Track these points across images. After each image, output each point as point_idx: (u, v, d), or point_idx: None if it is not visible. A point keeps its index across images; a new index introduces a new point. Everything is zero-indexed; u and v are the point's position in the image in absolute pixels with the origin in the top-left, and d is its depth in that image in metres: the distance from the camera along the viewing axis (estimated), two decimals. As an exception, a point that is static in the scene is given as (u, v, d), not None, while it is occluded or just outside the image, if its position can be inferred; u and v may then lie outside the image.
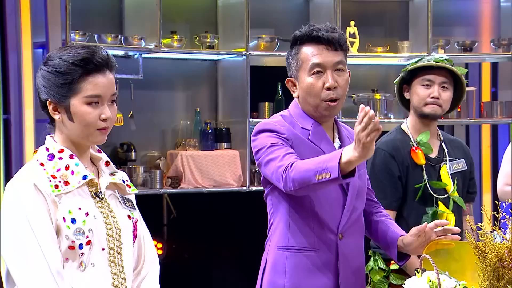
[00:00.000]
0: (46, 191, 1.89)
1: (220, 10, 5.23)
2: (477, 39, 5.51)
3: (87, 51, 1.93)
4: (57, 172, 1.93)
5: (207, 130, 4.99)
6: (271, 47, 5.10)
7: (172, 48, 4.88)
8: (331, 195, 2.38)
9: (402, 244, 2.40)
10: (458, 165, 3.05)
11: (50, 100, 1.96)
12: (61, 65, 1.92)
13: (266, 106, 5.07)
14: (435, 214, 2.96)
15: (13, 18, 4.58)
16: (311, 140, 2.39)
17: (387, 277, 2.98)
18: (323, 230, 2.38)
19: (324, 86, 2.37)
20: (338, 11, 5.09)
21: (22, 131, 4.54)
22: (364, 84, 5.37)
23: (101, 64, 1.93)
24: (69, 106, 1.93)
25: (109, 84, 1.95)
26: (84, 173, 1.95)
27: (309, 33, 2.39)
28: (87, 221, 1.90)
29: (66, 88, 1.92)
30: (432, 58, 3.02)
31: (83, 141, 1.98)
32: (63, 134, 1.98)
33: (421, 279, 2.06)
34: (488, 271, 2.14)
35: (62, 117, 1.96)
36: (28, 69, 4.54)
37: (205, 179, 4.86)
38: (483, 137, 5.75)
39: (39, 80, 1.98)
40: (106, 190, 2.00)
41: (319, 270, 2.38)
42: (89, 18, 4.85)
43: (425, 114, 2.99)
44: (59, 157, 1.95)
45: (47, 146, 1.99)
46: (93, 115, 1.93)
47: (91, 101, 1.93)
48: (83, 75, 1.91)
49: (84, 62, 1.91)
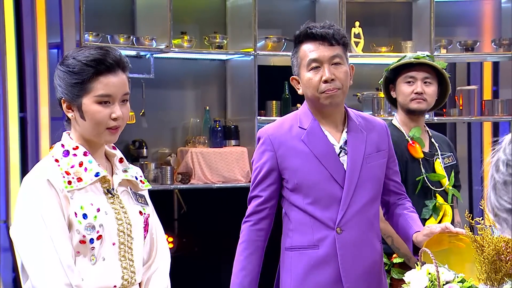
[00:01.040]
0: (59, 187, 1.90)
1: (228, 11, 5.25)
2: (478, 39, 5.51)
3: (100, 52, 1.95)
4: (71, 169, 1.94)
5: (216, 127, 5.01)
6: (278, 47, 5.12)
7: (182, 48, 4.90)
8: (326, 192, 2.40)
9: (415, 240, 2.41)
10: (448, 159, 3.08)
11: (64, 99, 1.99)
12: (75, 65, 1.94)
13: (273, 104, 5.08)
14: (436, 207, 2.98)
15: (29, 19, 4.61)
16: (304, 140, 2.43)
17: (389, 271, 2.98)
18: (321, 227, 2.41)
19: (321, 79, 2.40)
20: (343, 12, 5.09)
21: (38, 128, 4.57)
22: (368, 83, 5.37)
23: (113, 64, 1.94)
24: (81, 105, 1.95)
25: (120, 84, 1.96)
26: (97, 170, 1.96)
27: (305, 31, 2.43)
28: (98, 216, 1.92)
29: (78, 87, 1.94)
30: (413, 55, 3.04)
31: (94, 139, 1.99)
32: (77, 131, 2.01)
33: (421, 272, 2.08)
34: (486, 264, 2.15)
35: (75, 115, 1.98)
36: (43, 69, 4.57)
37: (214, 175, 4.89)
38: (484, 134, 5.75)
39: (55, 79, 2.00)
40: (119, 186, 2.02)
41: (321, 265, 2.40)
42: (102, 19, 4.88)
43: (412, 109, 3.01)
44: (74, 154, 1.97)
45: (62, 142, 2.01)
46: (103, 114, 1.95)
47: (101, 100, 1.94)
48: (95, 75, 1.93)
49: (96, 62, 1.93)
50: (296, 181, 2.42)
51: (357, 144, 2.45)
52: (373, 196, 2.46)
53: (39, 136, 4.57)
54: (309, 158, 2.41)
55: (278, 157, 2.44)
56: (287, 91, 5.09)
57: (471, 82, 5.76)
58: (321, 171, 2.41)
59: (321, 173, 2.41)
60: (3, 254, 4.60)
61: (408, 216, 2.50)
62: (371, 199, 2.46)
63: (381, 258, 2.51)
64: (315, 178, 2.41)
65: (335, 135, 2.46)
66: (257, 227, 2.47)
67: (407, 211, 2.53)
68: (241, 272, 2.44)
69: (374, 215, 2.48)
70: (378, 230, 2.50)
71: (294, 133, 2.45)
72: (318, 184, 2.41)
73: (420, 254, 2.21)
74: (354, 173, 2.41)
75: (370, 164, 2.45)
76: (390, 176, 2.55)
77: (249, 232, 2.47)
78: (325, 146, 2.42)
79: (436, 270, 2.03)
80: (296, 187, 2.42)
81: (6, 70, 4.51)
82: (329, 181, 2.40)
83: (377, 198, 2.49)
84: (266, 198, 2.46)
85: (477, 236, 2.19)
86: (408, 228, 2.46)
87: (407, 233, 2.46)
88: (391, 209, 2.57)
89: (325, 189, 2.40)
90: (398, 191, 2.57)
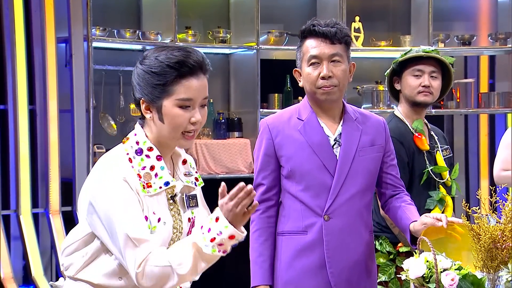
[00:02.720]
0: (136, 187, 1.82)
1: (232, 6, 5.24)
2: (475, 33, 5.49)
3: (183, 54, 1.83)
4: (142, 170, 1.84)
5: (219, 120, 5.01)
6: (280, 41, 5.10)
7: (186, 43, 4.89)
8: (317, 180, 2.43)
9: (413, 229, 2.41)
10: (446, 152, 3.07)
11: (143, 99, 1.86)
12: (157, 65, 1.82)
13: (275, 97, 5.08)
14: (441, 198, 2.97)
15: (37, 14, 4.60)
16: (300, 130, 2.46)
17: (394, 260, 2.97)
18: (310, 213, 2.44)
19: (319, 75, 2.43)
20: (344, 7, 5.08)
21: (47, 120, 4.57)
22: (368, 76, 5.36)
23: (195, 67, 1.83)
24: (161, 107, 1.84)
25: (201, 87, 1.85)
26: (167, 179, 1.87)
27: (309, 28, 2.46)
28: (158, 227, 1.84)
29: (160, 89, 1.83)
30: (420, 49, 3.02)
31: (169, 143, 1.89)
32: (152, 133, 1.89)
33: (419, 260, 2.07)
34: (482, 252, 2.14)
35: (153, 117, 1.86)
36: (52, 63, 4.57)
37: (218, 166, 4.89)
38: (481, 126, 5.74)
39: (135, 78, 1.88)
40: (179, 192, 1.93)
41: (308, 250, 2.44)
42: (109, 14, 4.87)
43: (418, 102, 2.99)
44: (147, 155, 1.86)
45: (138, 139, 1.89)
46: (183, 118, 1.84)
47: (183, 104, 1.83)
48: (177, 78, 1.82)
49: (179, 65, 1.82)
50: (289, 168, 2.45)
51: (351, 136, 2.47)
52: (363, 188, 2.47)
53: (48, 128, 4.56)
54: (303, 147, 2.44)
55: (275, 145, 2.48)
56: (288, 84, 5.08)
57: (468, 75, 5.74)
58: (314, 160, 2.43)
59: (314, 162, 2.43)
60: (13, 243, 4.61)
61: (406, 208, 2.50)
62: (361, 190, 2.47)
63: (369, 247, 2.51)
64: (307, 167, 2.43)
65: (331, 127, 2.49)
66: (266, 214, 2.50)
67: (405, 203, 2.53)
68: (259, 258, 2.48)
69: (365, 206, 2.49)
70: (368, 220, 2.52)
71: (292, 124, 2.48)
72: (310, 172, 2.43)
73: (418, 242, 2.21)
74: (346, 164, 2.42)
75: (363, 157, 2.46)
76: (386, 169, 2.56)
77: (260, 220, 2.50)
78: (320, 137, 2.45)
79: (434, 258, 2.02)
80: (289, 174, 2.45)
81: (16, 64, 4.50)
82: (321, 170, 2.43)
83: (368, 190, 2.50)
84: (269, 186, 2.49)
85: (474, 225, 2.19)
86: (405, 219, 2.47)
87: (405, 224, 2.46)
88: (388, 201, 2.58)
89: (316, 177, 2.43)
90: (395, 184, 2.58)
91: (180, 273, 1.78)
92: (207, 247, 1.76)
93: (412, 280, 2.08)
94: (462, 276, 2.05)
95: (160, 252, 1.79)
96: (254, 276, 2.48)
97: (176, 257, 1.78)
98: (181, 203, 1.93)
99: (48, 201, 4.56)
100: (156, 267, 1.77)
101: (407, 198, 2.57)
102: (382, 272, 2.90)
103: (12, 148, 4.54)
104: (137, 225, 1.79)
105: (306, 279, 2.44)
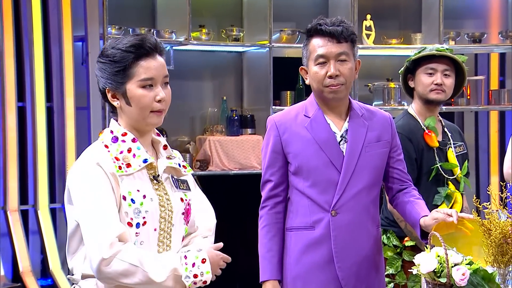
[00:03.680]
0: (110, 170, 1.87)
1: (245, 5, 5.24)
2: (486, 31, 5.46)
3: (137, 38, 1.91)
4: (120, 154, 1.91)
5: (233, 117, 5.01)
6: (292, 39, 5.10)
7: (200, 41, 4.90)
8: (324, 176, 2.43)
9: (423, 224, 2.40)
10: (460, 148, 3.06)
11: (108, 88, 1.93)
12: (115, 53, 1.90)
13: (287, 95, 5.08)
14: (448, 194, 2.96)
15: (55, 13, 4.63)
16: (307, 127, 2.46)
17: (400, 253, 2.98)
18: (317, 209, 2.44)
19: (326, 74, 2.42)
20: (355, 6, 5.07)
21: (64, 117, 4.59)
22: (379, 73, 5.35)
23: (151, 48, 1.90)
24: (126, 91, 1.91)
25: (160, 66, 1.92)
26: (145, 157, 1.93)
27: (315, 27, 2.45)
28: (144, 203, 1.89)
29: (121, 74, 1.90)
30: (434, 48, 3.02)
31: (141, 125, 1.94)
32: (124, 120, 1.95)
33: (430, 254, 2.07)
34: (493, 247, 2.14)
35: (121, 103, 1.93)
36: (69, 61, 4.59)
37: (231, 162, 4.89)
38: (491, 123, 5.71)
39: (97, 72, 1.95)
40: (163, 173, 1.98)
41: (316, 245, 2.44)
42: (124, 13, 4.89)
43: (430, 100, 2.98)
44: (122, 140, 1.93)
45: (111, 129, 1.96)
46: (148, 98, 1.90)
47: (145, 84, 1.90)
48: (135, 60, 1.89)
49: (135, 48, 1.89)
50: (297, 165, 2.45)
51: (357, 133, 2.46)
52: (370, 183, 2.47)
53: (65, 125, 4.59)
54: (310, 143, 2.44)
55: (282, 141, 2.48)
56: (300, 82, 5.07)
57: (478, 72, 5.71)
58: (321, 156, 2.43)
59: (321, 158, 2.43)
60: (31, 237, 4.64)
61: (415, 203, 2.50)
62: (368, 185, 2.46)
63: (376, 241, 2.51)
64: (314, 163, 2.43)
65: (337, 124, 2.48)
66: (275, 210, 2.50)
67: (414, 198, 2.52)
68: (268, 253, 2.49)
69: (372, 201, 2.49)
70: (375, 215, 2.51)
71: (299, 121, 2.49)
72: (317, 169, 2.43)
73: (429, 237, 2.20)
74: (352, 160, 2.42)
75: (369, 153, 2.46)
76: (393, 164, 2.55)
77: (268, 216, 2.51)
78: (327, 134, 2.45)
79: (445, 252, 2.02)
80: (297, 171, 2.46)
81: (34, 63, 4.53)
82: (327, 166, 2.43)
83: (374, 185, 2.49)
84: (277, 183, 2.50)
85: (485, 220, 2.18)
86: (415, 214, 2.46)
87: (415, 219, 2.45)
88: (396, 196, 2.57)
89: (323, 173, 2.43)
90: (402, 178, 2.57)
91: (151, 278, 1.83)
92: (188, 280, 1.87)
93: (424, 275, 2.07)
94: (473, 271, 2.04)
95: (133, 250, 1.83)
96: (263, 271, 2.48)
97: (150, 265, 1.83)
98: (169, 185, 1.98)
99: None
100: (123, 262, 1.81)
101: (415, 192, 2.57)
102: (389, 265, 2.94)
103: (30, 144, 4.57)
104: (105, 209, 1.83)
105: (315, 274, 2.44)
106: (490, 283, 2.04)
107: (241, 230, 5.15)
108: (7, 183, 4.44)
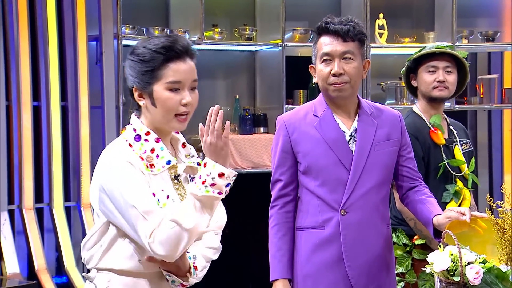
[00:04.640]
0: (140, 167, 1.86)
1: (258, 4, 5.23)
2: (499, 29, 5.42)
3: (169, 40, 1.89)
4: (143, 154, 1.89)
5: (245, 115, 5.01)
6: (305, 38, 5.09)
7: (213, 40, 4.90)
8: (334, 175, 2.42)
9: (436, 223, 2.39)
10: (466, 145, 3.05)
11: (135, 87, 1.92)
12: (145, 53, 1.88)
13: (300, 93, 5.07)
14: (456, 191, 2.95)
15: (69, 13, 4.64)
16: (316, 127, 2.46)
17: (410, 252, 2.97)
18: (327, 208, 2.43)
19: (331, 72, 2.43)
20: (368, 4, 5.05)
21: (78, 116, 4.61)
22: (392, 72, 5.32)
23: (182, 51, 1.89)
24: (152, 92, 1.89)
25: (189, 70, 1.91)
26: (168, 158, 1.92)
27: (323, 25, 2.46)
28: (167, 204, 1.88)
29: (149, 75, 1.88)
30: (433, 46, 3.01)
31: (164, 127, 1.93)
32: (147, 119, 1.93)
33: (444, 253, 2.05)
34: (506, 245, 2.12)
35: (146, 103, 1.91)
36: (83, 60, 4.61)
37: (244, 161, 4.89)
38: (504, 121, 5.67)
39: (126, 70, 1.93)
40: (182, 172, 1.97)
41: (326, 244, 2.43)
42: (138, 12, 4.89)
43: (434, 97, 2.98)
44: (145, 139, 1.91)
45: (134, 127, 1.94)
46: (174, 101, 1.89)
47: (172, 87, 1.88)
48: (165, 62, 1.87)
49: (165, 49, 1.87)
50: (306, 164, 2.44)
51: (366, 131, 2.45)
52: (380, 182, 2.46)
53: (79, 124, 4.61)
54: (320, 143, 2.44)
55: (292, 141, 2.48)
56: (313, 81, 5.04)
57: (491, 71, 5.67)
58: (330, 155, 2.42)
59: (330, 157, 2.42)
60: (47, 235, 4.66)
61: (427, 201, 2.48)
62: (377, 184, 2.45)
63: (386, 240, 2.49)
64: (324, 162, 2.43)
65: (346, 123, 2.47)
66: (284, 209, 2.50)
67: (425, 196, 2.51)
68: (278, 252, 2.48)
69: (381, 200, 2.47)
70: (385, 214, 2.49)
71: (308, 120, 2.48)
72: (326, 168, 2.42)
73: (442, 236, 2.19)
74: (361, 159, 2.41)
75: (379, 151, 2.45)
76: (403, 162, 2.54)
77: (278, 216, 2.50)
78: (336, 133, 2.45)
79: (458, 251, 2.00)
80: (306, 170, 2.45)
81: (49, 62, 4.55)
82: (337, 165, 2.42)
83: (384, 184, 2.48)
84: (287, 182, 2.49)
85: (498, 218, 2.16)
86: (427, 212, 2.44)
87: (427, 217, 2.44)
88: (406, 194, 2.55)
89: (333, 172, 2.42)
90: (412, 176, 2.56)
91: (187, 228, 1.80)
92: (200, 190, 1.80)
93: (437, 273, 2.06)
94: (487, 270, 2.03)
95: (166, 219, 1.82)
96: (273, 270, 2.48)
97: (179, 214, 1.81)
98: (187, 183, 1.97)
99: (80, 194, 4.60)
100: (165, 233, 1.79)
101: (427, 190, 2.55)
102: (399, 264, 2.93)
103: (45, 143, 4.59)
104: (145, 199, 1.82)
105: (325, 273, 2.43)
106: (504, 282, 2.03)
107: (254, 229, 5.15)
108: (23, 182, 4.46)
